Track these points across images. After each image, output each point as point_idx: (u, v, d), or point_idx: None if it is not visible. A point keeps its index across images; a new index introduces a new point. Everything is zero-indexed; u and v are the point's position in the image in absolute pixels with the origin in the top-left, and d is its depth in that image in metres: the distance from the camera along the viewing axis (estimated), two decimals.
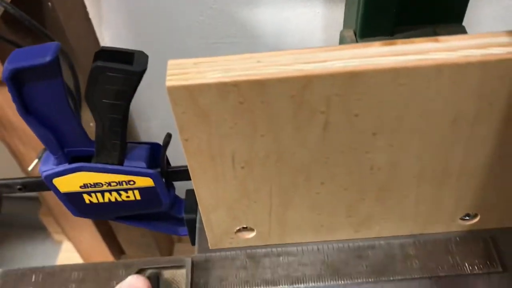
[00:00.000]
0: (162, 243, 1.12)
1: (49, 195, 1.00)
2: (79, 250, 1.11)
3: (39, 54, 0.33)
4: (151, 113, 0.94)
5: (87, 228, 1.04)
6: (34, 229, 1.33)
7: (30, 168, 0.80)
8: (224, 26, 0.77)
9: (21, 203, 1.29)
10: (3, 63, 0.36)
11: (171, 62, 0.30)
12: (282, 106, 0.31)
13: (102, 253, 1.05)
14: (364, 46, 0.30)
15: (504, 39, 0.29)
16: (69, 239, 1.13)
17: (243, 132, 0.33)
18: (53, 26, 0.66)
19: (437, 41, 0.30)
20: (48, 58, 0.33)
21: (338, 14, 0.72)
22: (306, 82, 0.29)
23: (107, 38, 0.82)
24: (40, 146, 0.43)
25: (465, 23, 0.50)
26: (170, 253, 1.17)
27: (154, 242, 1.08)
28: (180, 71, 0.30)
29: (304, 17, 0.74)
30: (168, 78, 0.30)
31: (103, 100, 0.36)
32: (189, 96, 0.30)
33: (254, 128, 0.32)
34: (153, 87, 0.63)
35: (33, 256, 1.31)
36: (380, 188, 0.38)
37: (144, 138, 1.00)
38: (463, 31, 0.50)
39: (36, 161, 0.80)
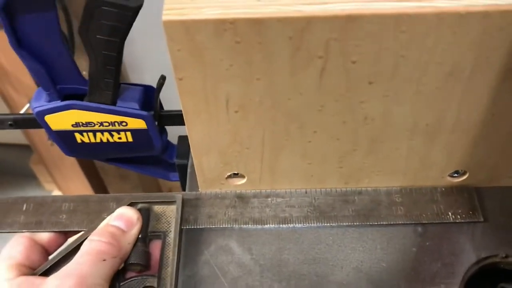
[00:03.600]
0: None
1: (40, 143, 1.00)
2: None
3: None
4: (145, 65, 0.92)
5: (77, 178, 1.04)
6: (25, 177, 1.33)
7: (21, 112, 0.79)
8: None
9: (12, 150, 1.29)
10: None
11: None
12: (280, 48, 0.30)
13: None
14: None
15: None
16: (59, 188, 1.13)
17: (238, 74, 0.32)
18: None
19: None
20: None
21: None
22: (305, 24, 0.29)
23: None
24: (32, 93, 0.43)
25: None
26: None
27: None
28: (178, 5, 0.29)
29: None
30: (164, 12, 0.29)
31: (97, 36, 0.35)
32: (185, 32, 0.29)
33: (249, 71, 0.32)
34: (147, 37, 0.62)
35: None
36: (372, 139, 0.38)
37: None
38: None
39: (27, 105, 0.80)
